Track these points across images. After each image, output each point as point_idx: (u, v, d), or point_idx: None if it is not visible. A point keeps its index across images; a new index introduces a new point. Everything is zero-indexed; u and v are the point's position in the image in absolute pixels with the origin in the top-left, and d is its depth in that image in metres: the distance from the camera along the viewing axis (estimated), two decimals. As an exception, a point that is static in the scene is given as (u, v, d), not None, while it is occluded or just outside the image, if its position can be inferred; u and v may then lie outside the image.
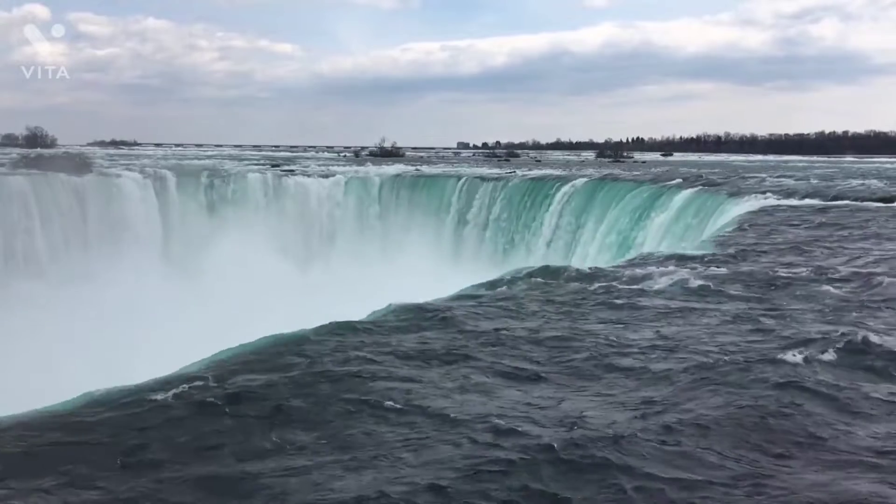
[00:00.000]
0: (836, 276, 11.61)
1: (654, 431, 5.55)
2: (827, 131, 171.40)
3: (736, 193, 26.92)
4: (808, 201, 24.39)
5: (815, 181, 34.15)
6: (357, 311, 9.16)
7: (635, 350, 7.85)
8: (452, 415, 5.90)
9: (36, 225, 32.89)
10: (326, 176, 44.89)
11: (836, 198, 24.96)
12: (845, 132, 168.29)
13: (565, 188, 37.10)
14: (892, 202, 23.39)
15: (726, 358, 7.40)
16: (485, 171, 48.82)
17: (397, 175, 45.69)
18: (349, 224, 42.40)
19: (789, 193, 26.53)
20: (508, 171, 47.77)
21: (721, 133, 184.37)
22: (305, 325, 8.37)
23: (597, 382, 6.92)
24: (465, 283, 11.86)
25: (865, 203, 23.34)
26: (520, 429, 5.57)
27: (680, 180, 33.58)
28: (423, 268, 34.12)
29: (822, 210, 21.55)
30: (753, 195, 25.87)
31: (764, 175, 39.98)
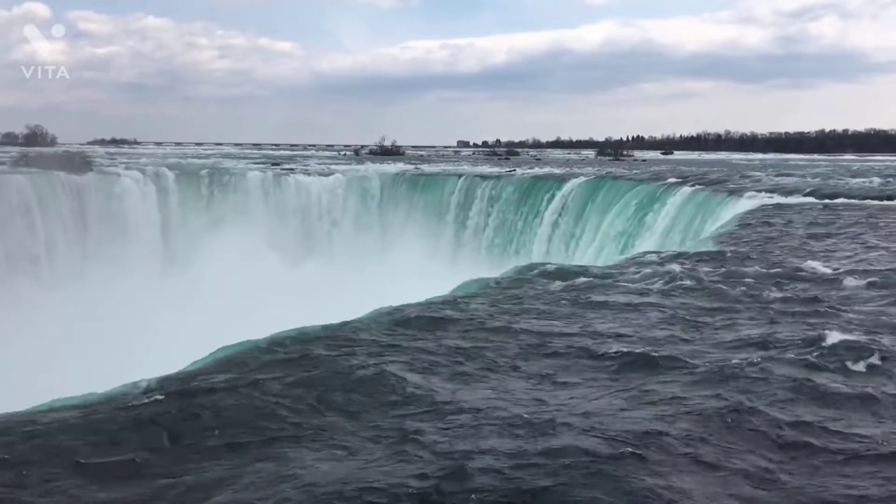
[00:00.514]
0: (836, 276, 11.61)
1: (654, 432, 5.55)
2: (827, 129, 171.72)
3: (736, 191, 26.91)
4: (808, 199, 24.39)
5: (815, 179, 34.15)
6: (356, 311, 9.16)
7: (635, 350, 7.84)
8: (452, 414, 5.90)
9: (36, 224, 32.88)
10: (326, 175, 44.89)
11: (835, 196, 24.96)
12: (845, 130, 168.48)
13: (565, 187, 37.10)
14: (893, 200, 23.40)
15: (726, 358, 7.40)
16: (485, 169, 48.81)
17: (397, 174, 45.69)
18: (349, 223, 42.41)
19: (789, 192, 26.52)
20: (508, 169, 47.76)
21: (721, 131, 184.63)
22: (305, 323, 8.35)
23: (596, 382, 6.92)
24: (464, 281, 11.86)
25: (866, 201, 23.34)
26: (508, 424, 5.56)
27: (679, 178, 33.57)
28: (422, 266, 34.15)
29: (823, 208, 21.54)
30: (753, 193, 25.86)
31: (764, 174, 39.98)
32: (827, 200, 23.78)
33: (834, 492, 4.70)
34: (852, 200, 23.66)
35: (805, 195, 25.49)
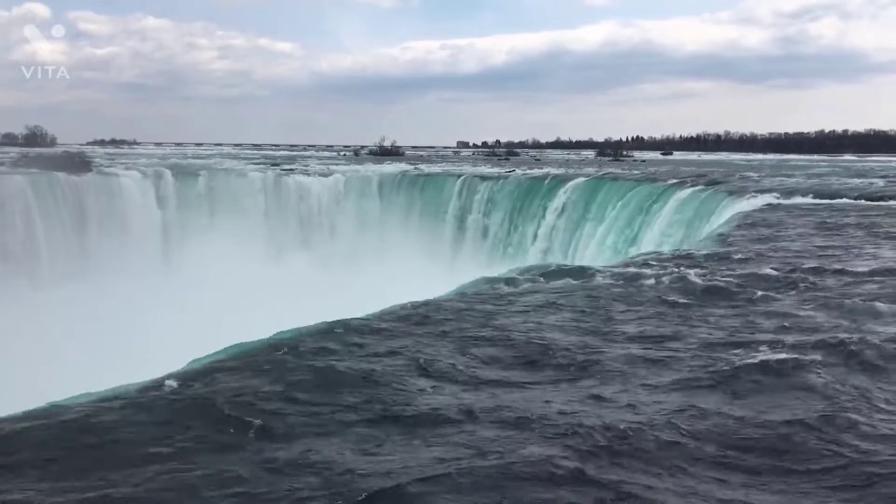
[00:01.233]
0: (836, 275, 11.61)
1: (653, 434, 5.55)
2: (827, 130, 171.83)
3: (735, 192, 26.92)
4: (807, 200, 24.39)
5: (815, 180, 34.16)
6: (355, 311, 9.15)
7: (634, 350, 7.84)
8: (452, 413, 5.90)
9: (35, 224, 32.88)
10: (326, 175, 44.89)
11: (835, 196, 24.97)
12: (845, 131, 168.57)
13: (565, 187, 37.10)
14: (893, 200, 23.41)
15: (725, 358, 7.40)
16: (484, 170, 48.80)
17: (397, 174, 45.69)
18: (348, 224, 42.40)
19: (789, 192, 26.52)
20: (508, 170, 47.76)
21: (721, 132, 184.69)
22: (304, 324, 8.35)
23: (593, 381, 6.92)
24: (464, 281, 11.86)
25: (864, 202, 23.35)
26: (507, 427, 5.56)
27: (679, 179, 33.58)
28: (421, 267, 34.14)
29: (822, 209, 21.55)
30: (753, 194, 25.87)
31: (763, 174, 39.98)
32: (827, 201, 23.81)
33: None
34: (853, 201, 23.67)
35: (804, 196, 25.49)
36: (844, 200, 23.90)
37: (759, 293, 10.40)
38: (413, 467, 4.93)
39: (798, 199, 24.47)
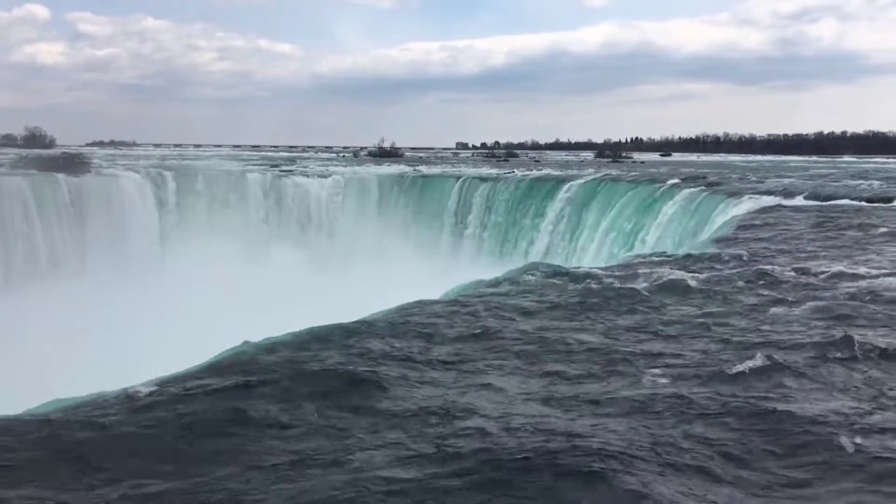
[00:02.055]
0: (836, 276, 11.61)
1: (652, 435, 5.55)
2: (825, 131, 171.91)
3: (734, 193, 26.94)
4: (806, 202, 24.38)
5: (814, 181, 34.17)
6: (353, 313, 9.15)
7: (633, 351, 7.85)
8: (451, 414, 5.90)
9: (34, 225, 32.88)
10: (325, 176, 44.91)
11: (833, 198, 24.98)
12: (844, 132, 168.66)
13: (564, 188, 37.12)
14: (891, 202, 23.42)
15: (725, 359, 7.40)
16: (484, 171, 48.81)
17: (396, 175, 45.71)
18: (348, 224, 42.41)
19: (788, 193, 26.54)
20: (507, 171, 47.78)
21: (720, 133, 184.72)
22: (303, 325, 8.34)
23: (592, 382, 6.92)
24: (463, 282, 11.86)
25: (863, 203, 23.36)
26: (498, 429, 5.56)
27: (678, 180, 33.60)
28: (421, 268, 34.16)
29: (821, 210, 21.55)
30: (752, 195, 25.89)
31: (762, 175, 40.00)
32: (826, 202, 23.81)
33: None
34: (851, 202, 23.67)
35: (803, 197, 25.49)
36: (843, 202, 23.92)
37: (759, 294, 10.40)
38: (411, 467, 4.93)
39: (797, 201, 24.47)
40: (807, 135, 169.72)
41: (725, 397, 6.30)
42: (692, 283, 11.09)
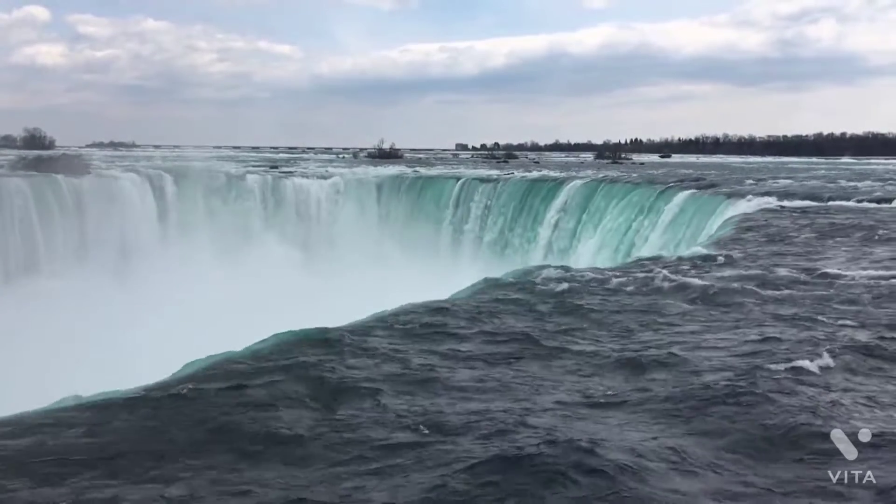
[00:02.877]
0: (835, 276, 11.62)
1: (651, 434, 5.56)
2: (825, 132, 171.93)
3: (734, 195, 26.94)
4: (805, 202, 24.40)
5: (813, 182, 34.19)
6: (353, 314, 9.15)
7: (633, 352, 7.85)
8: (452, 416, 5.90)
9: (34, 226, 32.85)
10: (325, 177, 44.92)
11: (833, 199, 25.00)
12: (843, 133, 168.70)
13: (564, 189, 37.12)
14: (891, 202, 23.46)
15: (724, 359, 7.41)
16: (483, 172, 48.80)
17: (396, 176, 45.70)
18: (348, 225, 42.39)
19: (787, 195, 26.55)
20: (507, 172, 47.78)
21: (719, 134, 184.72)
22: (302, 326, 8.33)
23: (592, 382, 6.92)
24: (463, 284, 11.86)
25: (862, 204, 23.38)
26: (503, 433, 5.57)
27: (677, 181, 33.61)
28: (421, 269, 34.14)
29: (820, 211, 21.56)
30: (751, 196, 25.89)
31: (762, 176, 40.01)
32: (825, 203, 23.83)
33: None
34: (850, 203, 23.70)
35: (801, 198, 25.51)
36: (842, 203, 23.94)
37: (758, 295, 10.41)
38: (410, 469, 4.93)
39: (796, 202, 24.49)
40: (806, 136, 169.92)
41: (727, 398, 6.30)
42: (691, 283, 11.10)
